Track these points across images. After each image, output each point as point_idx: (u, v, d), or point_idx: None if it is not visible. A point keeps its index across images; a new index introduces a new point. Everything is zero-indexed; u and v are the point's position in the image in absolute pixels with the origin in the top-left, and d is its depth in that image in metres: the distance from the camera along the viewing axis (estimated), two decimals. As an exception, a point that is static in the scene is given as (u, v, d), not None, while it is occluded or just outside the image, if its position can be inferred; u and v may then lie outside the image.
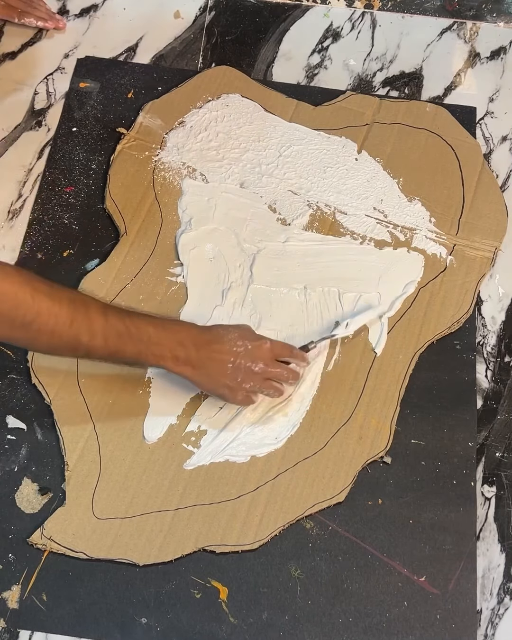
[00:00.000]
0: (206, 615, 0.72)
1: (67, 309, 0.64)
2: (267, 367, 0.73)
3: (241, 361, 0.72)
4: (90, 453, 0.77)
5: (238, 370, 0.72)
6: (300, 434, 0.80)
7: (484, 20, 1.08)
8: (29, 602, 0.72)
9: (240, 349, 0.72)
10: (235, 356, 0.72)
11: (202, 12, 1.06)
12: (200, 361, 0.71)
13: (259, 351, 0.73)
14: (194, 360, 0.71)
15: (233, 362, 0.72)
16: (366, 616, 0.73)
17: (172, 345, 0.70)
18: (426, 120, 0.98)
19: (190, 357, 0.71)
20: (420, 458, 0.80)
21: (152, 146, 0.94)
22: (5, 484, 0.77)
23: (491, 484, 0.80)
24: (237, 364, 0.72)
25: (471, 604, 0.74)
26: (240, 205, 0.91)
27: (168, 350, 0.71)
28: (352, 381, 0.82)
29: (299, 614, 0.73)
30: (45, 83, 0.99)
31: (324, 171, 0.94)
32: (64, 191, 0.91)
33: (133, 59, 1.02)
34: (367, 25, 1.07)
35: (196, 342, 0.72)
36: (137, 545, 0.74)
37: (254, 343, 0.73)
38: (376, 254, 0.89)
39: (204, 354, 0.71)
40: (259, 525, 0.75)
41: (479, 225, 0.92)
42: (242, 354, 0.72)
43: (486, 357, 0.86)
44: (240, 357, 0.72)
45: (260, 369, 0.73)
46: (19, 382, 0.81)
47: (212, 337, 0.73)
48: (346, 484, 0.77)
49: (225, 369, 0.72)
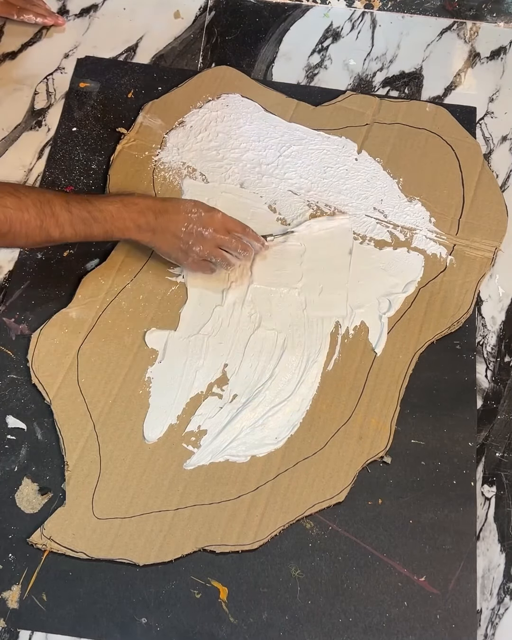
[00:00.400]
0: (206, 615, 0.72)
1: (35, 213, 0.73)
2: (216, 233, 0.80)
3: (194, 226, 0.79)
4: (90, 453, 0.77)
5: (190, 234, 0.80)
6: (300, 434, 0.80)
7: (484, 20, 1.08)
8: (29, 602, 0.72)
9: (194, 215, 0.80)
10: (189, 221, 0.79)
11: (202, 12, 1.06)
12: (159, 226, 0.79)
13: (211, 219, 0.80)
14: (153, 226, 0.79)
15: (186, 226, 0.79)
16: (366, 616, 0.73)
17: (133, 216, 0.78)
18: (426, 120, 0.98)
19: (150, 223, 0.79)
20: (420, 458, 0.80)
21: (152, 146, 0.94)
22: (5, 484, 0.77)
23: (491, 484, 0.80)
24: (190, 228, 0.79)
25: (471, 604, 0.74)
26: (240, 205, 0.91)
27: (131, 222, 0.78)
28: (352, 381, 0.82)
29: (299, 614, 0.73)
30: (45, 83, 0.99)
31: (324, 171, 0.94)
32: (64, 191, 0.91)
33: (133, 59, 1.02)
34: (367, 25, 1.07)
35: (154, 210, 0.79)
36: (137, 545, 0.74)
37: (207, 212, 0.81)
38: (376, 254, 0.89)
39: (162, 220, 0.79)
40: (259, 525, 0.75)
41: (479, 225, 0.92)
42: (195, 220, 0.80)
43: (486, 357, 0.86)
44: (193, 222, 0.79)
45: (209, 234, 0.80)
46: (19, 382, 0.81)
47: (169, 205, 0.80)
48: (346, 484, 0.77)
49: (179, 232, 0.79)
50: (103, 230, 0.77)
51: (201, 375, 0.81)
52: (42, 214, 0.73)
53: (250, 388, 0.81)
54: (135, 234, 0.79)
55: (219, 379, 0.82)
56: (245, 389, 0.81)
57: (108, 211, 0.77)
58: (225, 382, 0.81)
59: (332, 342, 0.84)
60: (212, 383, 0.81)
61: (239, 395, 0.81)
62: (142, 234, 0.79)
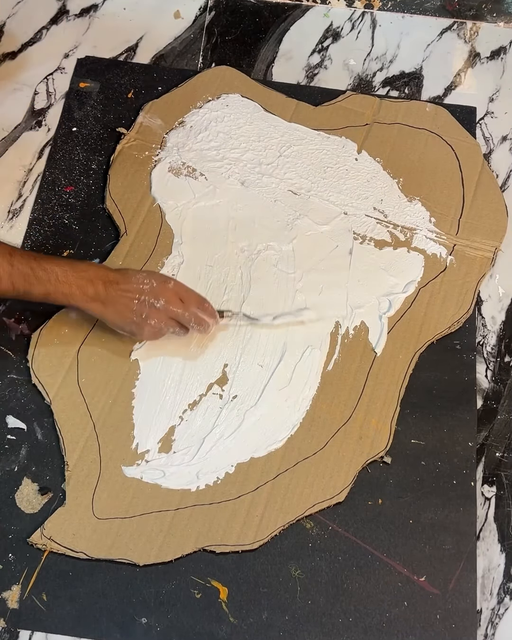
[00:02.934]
0: (206, 615, 0.72)
1: None
2: (169, 305, 0.76)
3: (146, 297, 0.76)
4: (90, 453, 0.77)
5: (143, 306, 0.76)
6: (300, 434, 0.80)
7: (484, 20, 1.08)
8: (29, 602, 0.72)
9: (146, 287, 0.76)
10: (141, 293, 0.76)
11: (202, 12, 1.06)
12: (109, 298, 0.75)
13: (162, 289, 0.77)
14: (102, 297, 0.75)
15: (138, 298, 0.75)
16: (366, 616, 0.73)
17: (80, 283, 0.74)
18: (426, 120, 0.98)
19: (99, 294, 0.74)
20: (420, 458, 0.80)
21: (152, 146, 0.94)
22: (5, 484, 0.77)
23: (491, 484, 0.80)
24: (142, 300, 0.75)
25: (471, 604, 0.74)
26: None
27: (76, 288, 0.74)
28: (352, 381, 0.82)
29: (299, 614, 0.73)
30: (45, 83, 0.99)
31: (324, 171, 0.94)
32: (64, 191, 0.91)
33: (133, 59, 1.02)
34: (367, 25, 1.07)
35: (105, 280, 0.75)
36: (137, 545, 0.74)
37: (159, 282, 0.77)
38: (376, 253, 0.89)
39: (112, 291, 0.75)
40: (259, 525, 0.75)
41: (479, 225, 0.92)
42: (147, 291, 0.76)
43: (486, 357, 0.86)
44: (145, 293, 0.76)
45: (161, 306, 0.76)
46: (19, 382, 0.81)
47: (120, 277, 0.76)
48: (346, 484, 0.77)
49: (132, 305, 0.75)
50: (44, 291, 0.73)
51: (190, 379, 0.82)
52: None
53: (250, 388, 0.81)
54: (81, 302, 0.75)
55: (219, 379, 0.82)
56: (245, 390, 0.81)
57: (53, 272, 0.73)
58: (225, 382, 0.81)
59: (332, 342, 0.84)
60: (212, 383, 0.81)
61: (239, 396, 0.81)
62: (89, 303, 0.75)
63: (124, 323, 0.77)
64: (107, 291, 0.75)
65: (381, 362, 0.84)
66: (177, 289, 0.78)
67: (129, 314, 0.76)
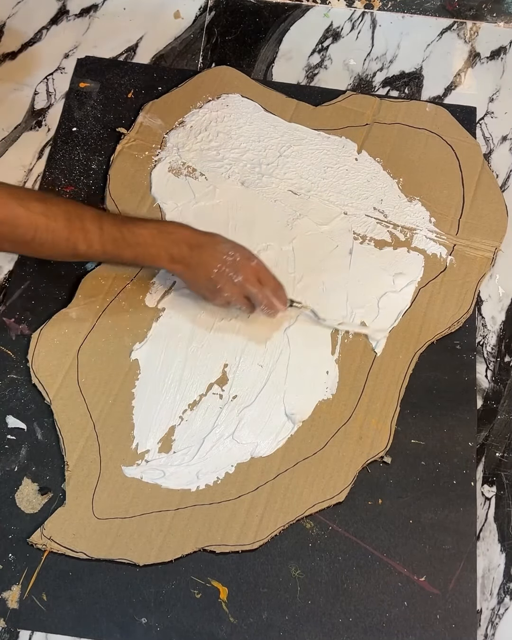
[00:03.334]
0: (206, 615, 0.72)
1: (64, 223, 0.70)
2: (246, 282, 0.76)
3: (226, 269, 0.75)
4: (91, 453, 0.77)
5: (221, 277, 0.76)
6: (300, 434, 0.80)
7: (484, 20, 1.08)
8: (29, 602, 0.72)
9: (229, 259, 0.76)
10: (223, 263, 0.75)
11: (202, 12, 1.06)
12: (193, 260, 0.75)
13: (244, 266, 0.76)
14: (187, 259, 0.75)
15: (219, 268, 0.75)
16: (366, 616, 0.73)
17: (167, 245, 0.75)
18: (426, 120, 0.98)
19: (184, 255, 0.75)
20: (420, 458, 0.80)
21: (152, 146, 0.94)
22: (5, 484, 0.77)
23: (491, 484, 0.80)
24: (222, 271, 0.76)
25: (471, 604, 0.74)
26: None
27: (163, 250, 0.75)
28: (352, 381, 0.82)
29: (299, 614, 0.73)
30: (45, 83, 0.99)
31: (324, 171, 0.94)
32: (64, 191, 0.91)
33: (133, 59, 1.02)
34: (367, 25, 1.07)
35: (190, 243, 0.75)
36: (137, 545, 0.74)
37: (244, 257, 0.77)
38: (376, 253, 0.89)
39: (196, 255, 0.75)
40: (259, 525, 0.75)
41: (479, 225, 0.92)
42: (229, 263, 0.76)
43: (486, 357, 0.86)
44: (226, 265, 0.75)
45: (239, 281, 0.76)
46: (19, 382, 0.81)
47: (206, 241, 0.76)
48: (346, 484, 0.77)
49: (210, 273, 0.76)
50: (133, 255, 0.75)
51: (191, 377, 0.82)
52: (70, 225, 0.70)
53: (250, 388, 0.81)
54: (166, 264, 0.76)
55: (219, 379, 0.82)
56: (245, 390, 0.81)
57: (141, 235, 0.74)
58: (225, 382, 0.81)
59: (333, 342, 0.84)
60: (212, 383, 0.81)
61: (239, 396, 0.81)
62: (173, 264, 0.76)
63: (199, 287, 0.79)
64: (192, 254, 0.75)
65: (381, 362, 0.83)
66: (259, 269, 0.77)
67: (206, 281, 0.76)
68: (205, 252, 0.75)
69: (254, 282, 0.77)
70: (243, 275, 0.76)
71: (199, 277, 0.77)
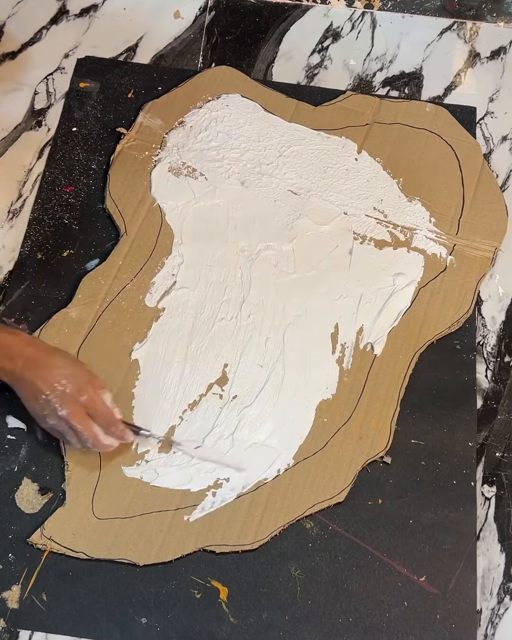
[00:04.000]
0: (206, 615, 0.72)
1: None
2: (70, 417, 0.72)
3: (52, 399, 0.72)
4: (91, 453, 0.77)
5: (47, 405, 0.72)
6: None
7: (484, 20, 1.08)
8: (29, 602, 0.72)
9: (59, 388, 0.72)
10: (51, 391, 0.72)
11: (202, 12, 1.06)
12: (23, 380, 0.73)
13: (70, 401, 0.72)
14: (17, 377, 0.73)
15: (47, 396, 0.72)
16: (366, 616, 0.73)
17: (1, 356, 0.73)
18: (426, 120, 0.98)
19: (15, 372, 0.73)
20: (420, 458, 0.80)
21: (152, 146, 0.94)
22: (5, 484, 0.77)
23: (491, 484, 0.80)
24: (49, 399, 0.72)
25: (471, 604, 0.74)
26: (240, 205, 0.91)
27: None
28: (352, 381, 0.82)
29: (299, 614, 0.73)
30: (45, 83, 0.99)
31: (324, 171, 0.94)
32: (64, 191, 0.91)
33: (133, 59, 1.02)
34: (367, 25, 1.07)
35: (27, 362, 0.73)
36: (137, 545, 0.74)
37: (75, 390, 0.72)
38: (376, 254, 0.89)
39: (27, 376, 0.72)
40: (259, 525, 0.75)
41: (479, 225, 0.92)
42: (57, 393, 0.72)
43: (486, 357, 0.86)
44: (54, 394, 0.72)
45: (63, 415, 0.72)
46: (19, 382, 0.81)
47: (43, 363, 0.73)
48: (346, 484, 0.77)
49: (39, 398, 0.72)
50: None
51: (191, 377, 0.82)
52: None
53: (250, 388, 0.81)
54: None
55: (219, 379, 0.82)
56: (245, 390, 0.81)
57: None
58: (225, 382, 0.81)
59: (333, 342, 0.84)
60: (212, 383, 0.81)
61: (239, 396, 0.81)
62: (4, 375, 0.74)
63: (27, 405, 0.74)
64: (23, 374, 0.72)
65: (381, 362, 0.84)
66: (89, 404, 0.72)
67: (34, 404, 0.73)
68: (38, 375, 0.72)
69: (81, 418, 0.72)
70: (68, 409, 0.71)
71: (26, 398, 0.74)
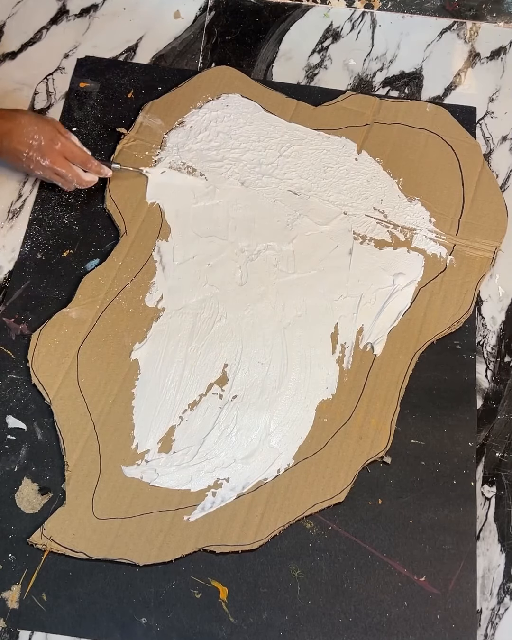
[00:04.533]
0: (206, 615, 0.73)
1: None
2: (53, 164, 0.84)
3: (34, 154, 0.83)
4: (90, 453, 0.77)
5: (30, 161, 0.84)
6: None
7: (484, 20, 1.08)
8: (29, 602, 0.72)
9: (35, 143, 0.83)
10: (29, 148, 0.83)
11: (202, 12, 1.06)
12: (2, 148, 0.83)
13: (48, 149, 0.84)
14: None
15: (27, 153, 0.83)
16: (366, 616, 0.73)
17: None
18: (426, 120, 0.98)
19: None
20: (420, 458, 0.80)
21: (152, 146, 0.94)
22: (5, 484, 0.77)
23: (491, 484, 0.80)
24: (30, 155, 0.83)
25: (471, 604, 0.74)
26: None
27: None
28: (352, 381, 0.82)
29: (299, 614, 0.73)
30: (45, 83, 0.99)
31: (324, 171, 0.94)
32: (64, 191, 0.91)
33: (133, 59, 1.02)
34: (367, 25, 1.07)
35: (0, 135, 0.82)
36: (137, 545, 0.74)
37: (47, 140, 0.83)
38: (376, 254, 0.89)
39: (5, 143, 0.82)
40: (259, 525, 0.75)
41: (479, 225, 0.92)
42: (35, 148, 0.83)
43: (486, 357, 0.86)
44: (33, 149, 0.83)
45: (47, 164, 0.84)
46: (19, 382, 0.81)
47: (11, 127, 0.82)
48: (346, 484, 0.77)
49: (21, 157, 0.84)
50: None
51: (190, 377, 0.82)
52: None
53: (250, 388, 0.81)
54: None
55: (219, 379, 0.82)
56: (245, 390, 0.81)
57: None
58: (225, 382, 0.81)
59: (333, 342, 0.84)
60: (212, 383, 0.81)
61: (239, 395, 0.81)
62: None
63: (16, 166, 0.87)
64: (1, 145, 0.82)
65: (381, 362, 0.84)
66: (63, 149, 0.84)
67: (18, 163, 0.85)
68: (13, 140, 0.82)
69: (62, 163, 0.84)
70: (50, 158, 0.84)
71: (11, 161, 0.85)
